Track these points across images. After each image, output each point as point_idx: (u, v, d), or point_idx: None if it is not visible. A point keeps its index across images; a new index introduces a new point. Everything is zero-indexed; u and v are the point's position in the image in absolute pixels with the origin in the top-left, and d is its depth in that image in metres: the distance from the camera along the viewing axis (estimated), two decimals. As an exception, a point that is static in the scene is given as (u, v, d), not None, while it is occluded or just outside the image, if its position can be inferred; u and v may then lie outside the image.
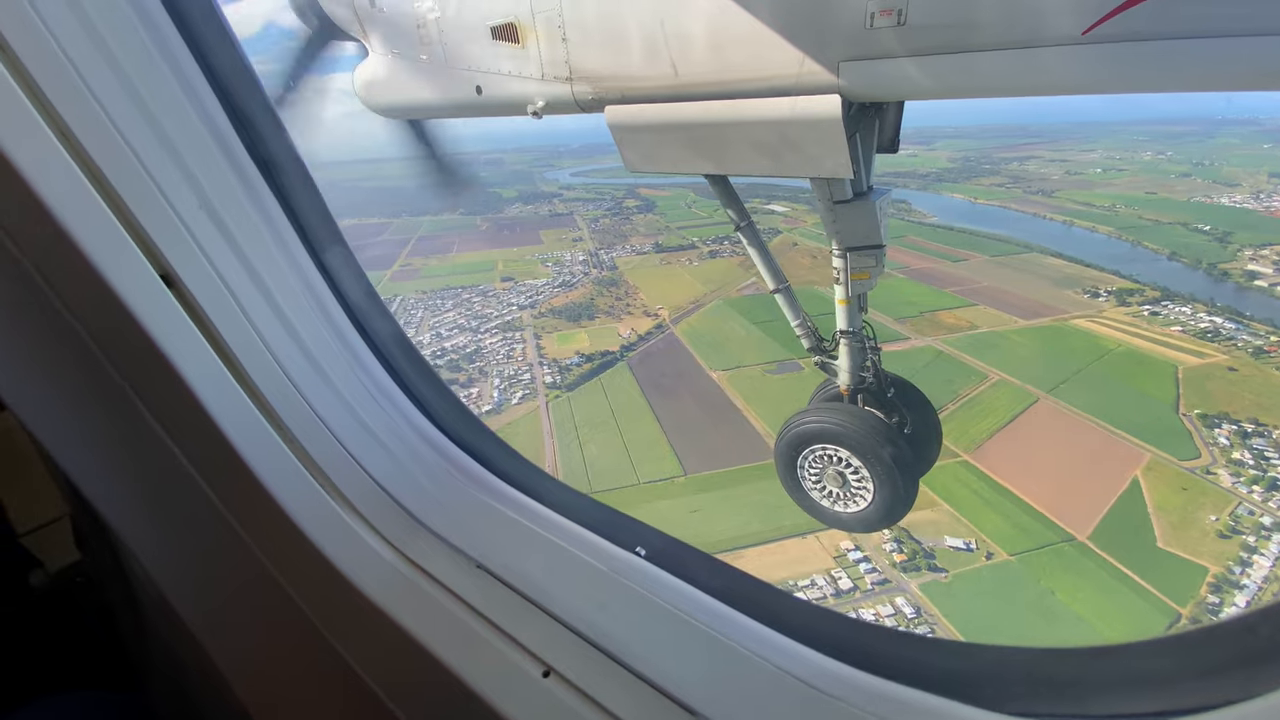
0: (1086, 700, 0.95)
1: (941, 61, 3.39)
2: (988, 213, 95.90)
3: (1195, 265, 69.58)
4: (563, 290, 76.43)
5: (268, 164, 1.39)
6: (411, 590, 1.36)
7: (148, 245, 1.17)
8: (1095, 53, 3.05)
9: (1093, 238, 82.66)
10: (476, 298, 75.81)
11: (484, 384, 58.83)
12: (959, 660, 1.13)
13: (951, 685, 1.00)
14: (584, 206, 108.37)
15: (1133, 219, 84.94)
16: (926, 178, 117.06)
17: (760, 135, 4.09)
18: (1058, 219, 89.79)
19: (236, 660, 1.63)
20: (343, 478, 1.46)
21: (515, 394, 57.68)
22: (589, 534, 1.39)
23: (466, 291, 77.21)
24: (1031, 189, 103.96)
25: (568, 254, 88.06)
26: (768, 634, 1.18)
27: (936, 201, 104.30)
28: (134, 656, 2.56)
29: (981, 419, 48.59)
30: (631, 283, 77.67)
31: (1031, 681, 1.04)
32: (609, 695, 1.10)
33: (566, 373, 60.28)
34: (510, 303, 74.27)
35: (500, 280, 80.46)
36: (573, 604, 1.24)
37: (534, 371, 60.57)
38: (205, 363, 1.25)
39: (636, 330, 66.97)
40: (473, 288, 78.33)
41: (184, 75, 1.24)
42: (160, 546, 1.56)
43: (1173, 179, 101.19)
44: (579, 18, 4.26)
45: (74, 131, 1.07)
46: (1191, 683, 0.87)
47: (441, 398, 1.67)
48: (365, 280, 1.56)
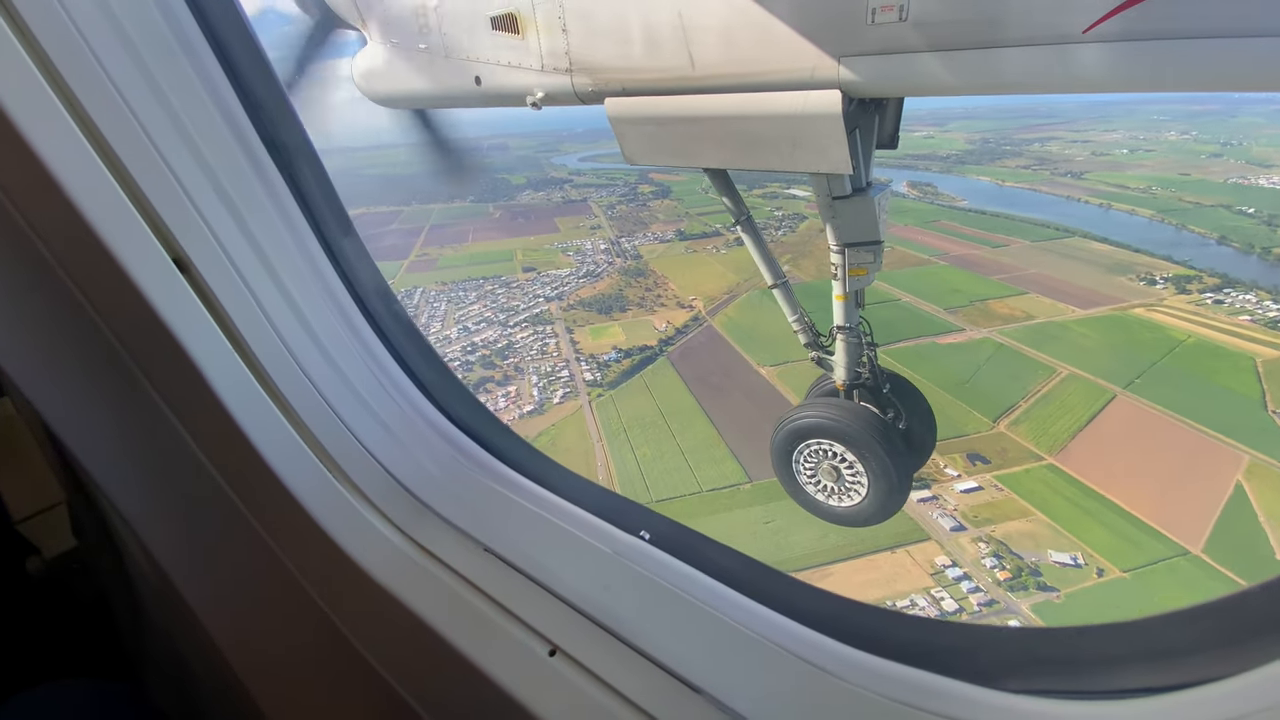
0: (1078, 676, 0.99)
1: (942, 58, 3.41)
2: (1017, 195, 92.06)
3: (1248, 250, 66.10)
4: (589, 281, 73.41)
5: (281, 152, 1.40)
6: (419, 574, 1.38)
7: (161, 230, 1.18)
8: (1096, 51, 3.07)
9: (1133, 221, 78.74)
10: (500, 289, 73.01)
11: (521, 381, 56.45)
12: (956, 639, 1.16)
13: (950, 663, 1.03)
14: (597, 193, 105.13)
15: (1171, 201, 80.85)
16: (947, 160, 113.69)
17: (760, 130, 4.10)
18: (1093, 201, 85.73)
19: (241, 646, 1.64)
20: (351, 464, 1.48)
21: (555, 392, 55.06)
22: (594, 518, 1.42)
23: (489, 283, 74.10)
24: (1059, 171, 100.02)
25: (588, 242, 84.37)
26: (769, 614, 1.21)
27: (961, 184, 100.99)
28: (130, 644, 2.56)
29: (1058, 417, 45.33)
30: (659, 272, 74.16)
31: (1026, 659, 1.07)
32: (614, 673, 1.12)
33: (606, 369, 57.61)
34: (536, 294, 71.17)
35: (522, 270, 77.08)
36: (578, 585, 1.27)
37: (572, 368, 57.95)
38: (216, 347, 1.26)
39: (673, 323, 63.53)
40: (495, 279, 75.17)
41: (200, 62, 1.25)
42: (167, 532, 1.57)
43: (1204, 159, 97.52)
44: (579, 9, 4.25)
45: (91, 116, 1.08)
46: (1178, 659, 0.90)
47: (448, 385, 1.69)
48: (374, 268, 1.57)
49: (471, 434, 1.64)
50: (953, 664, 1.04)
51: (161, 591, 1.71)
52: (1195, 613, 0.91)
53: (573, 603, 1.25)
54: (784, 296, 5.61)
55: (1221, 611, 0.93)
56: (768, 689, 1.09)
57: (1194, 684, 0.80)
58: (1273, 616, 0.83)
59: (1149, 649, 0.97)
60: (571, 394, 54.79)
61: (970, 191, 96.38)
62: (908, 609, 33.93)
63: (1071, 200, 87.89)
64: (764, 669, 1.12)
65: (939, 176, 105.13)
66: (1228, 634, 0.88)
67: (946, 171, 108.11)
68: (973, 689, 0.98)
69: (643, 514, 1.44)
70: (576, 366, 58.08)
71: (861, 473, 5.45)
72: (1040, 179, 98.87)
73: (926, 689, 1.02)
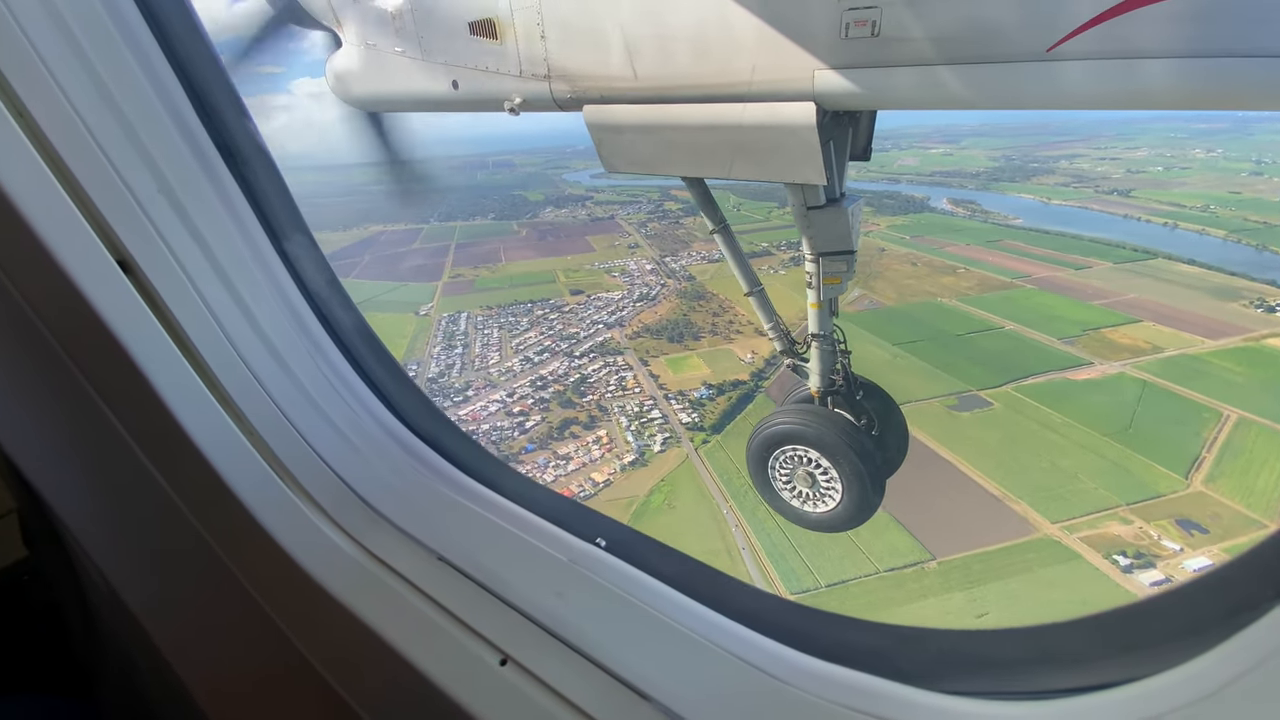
0: (1013, 678, 1.01)
1: (913, 73, 3.49)
2: (1065, 213, 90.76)
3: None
4: (646, 305, 69.86)
5: (233, 153, 1.37)
6: (371, 583, 1.36)
7: (104, 230, 1.14)
8: (1058, 69, 3.18)
9: (1205, 241, 77.08)
10: (551, 314, 69.24)
11: (609, 424, 50.63)
12: (906, 645, 1.18)
13: (898, 668, 1.05)
14: (622, 210, 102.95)
15: (1236, 220, 79.46)
16: (979, 176, 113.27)
17: (736, 139, 4.15)
18: (1155, 220, 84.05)
19: (188, 656, 1.60)
20: (304, 471, 1.45)
21: (653, 438, 48.84)
22: (550, 526, 1.41)
23: (538, 306, 70.63)
24: (1102, 188, 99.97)
25: (630, 262, 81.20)
26: (723, 622, 1.21)
27: (1005, 201, 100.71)
28: (83, 658, 2.48)
29: (1257, 472, 40.05)
30: (719, 294, 69.14)
31: (967, 662, 1.09)
32: (565, 682, 1.12)
33: (701, 408, 51.95)
34: (593, 320, 67.35)
35: (570, 293, 73.88)
36: (531, 594, 1.26)
37: (661, 407, 52.31)
38: (162, 352, 1.23)
39: (757, 353, 57.24)
40: (542, 302, 71.87)
41: (146, 59, 1.22)
42: (114, 542, 1.52)
43: (1244, 177, 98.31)
44: (558, 16, 4.27)
45: (30, 112, 1.05)
46: (1106, 660, 0.93)
47: (403, 389, 1.67)
48: (329, 269, 1.55)
49: (429, 441, 1.62)
50: (902, 667, 1.05)
51: (111, 601, 1.66)
52: (1113, 617, 0.94)
53: (525, 611, 1.24)
54: (759, 304, 5.69)
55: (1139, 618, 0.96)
56: (716, 695, 1.09)
57: (1113, 684, 0.83)
58: (1190, 619, 0.87)
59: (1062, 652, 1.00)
60: (672, 440, 48.83)
61: (1017, 209, 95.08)
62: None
63: (1130, 219, 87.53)
64: (713, 675, 1.12)
65: (978, 194, 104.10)
66: (1146, 637, 0.91)
67: (983, 188, 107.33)
68: (916, 692, 1.00)
69: (600, 521, 1.44)
70: (666, 405, 52.73)
71: (836, 478, 5.52)
72: (1085, 196, 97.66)
73: (874, 693, 1.03)
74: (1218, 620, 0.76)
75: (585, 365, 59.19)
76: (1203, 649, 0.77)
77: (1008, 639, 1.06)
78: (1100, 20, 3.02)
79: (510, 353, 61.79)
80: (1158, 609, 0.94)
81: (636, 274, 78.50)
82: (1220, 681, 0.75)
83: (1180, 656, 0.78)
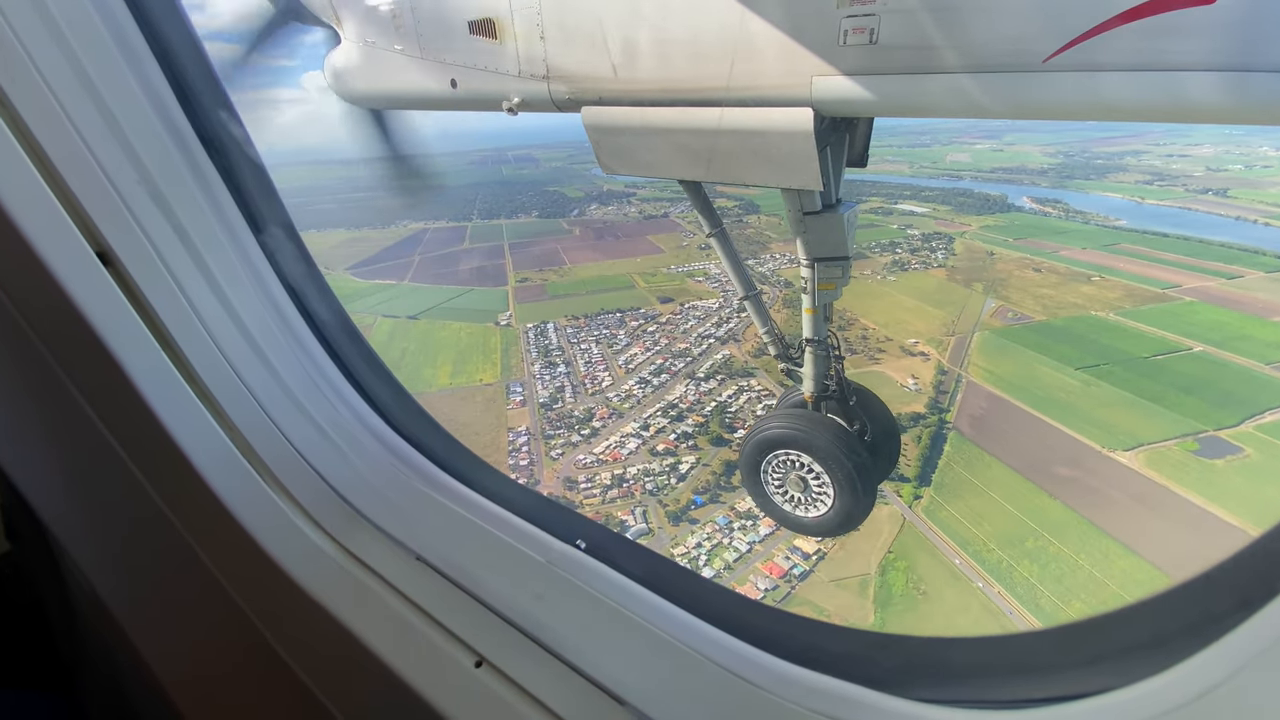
0: (986, 687, 1.00)
1: (911, 81, 3.50)
2: (1168, 214, 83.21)
3: None
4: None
5: (217, 147, 1.36)
6: (349, 583, 1.35)
7: (84, 220, 1.13)
8: (1055, 79, 3.19)
9: None
10: (649, 325, 61.10)
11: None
12: (878, 651, 1.17)
13: (869, 674, 1.04)
14: (674, 207, 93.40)
15: None
16: (1046, 174, 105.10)
17: (733, 144, 4.16)
18: (1275, 224, 76.35)
19: (168, 655, 1.58)
20: (284, 469, 1.43)
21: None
22: (530, 527, 1.40)
23: (629, 316, 62.91)
24: (1191, 188, 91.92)
25: (710, 265, 70.50)
26: (701, 626, 1.20)
27: (1091, 200, 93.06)
28: (65, 654, 2.46)
29: None
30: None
31: (938, 669, 1.09)
32: (539, 685, 1.11)
33: None
34: (699, 333, 58.74)
35: (658, 301, 66.05)
36: (509, 595, 1.25)
37: None
38: (141, 345, 1.22)
39: (918, 378, 49.92)
40: (633, 311, 64.02)
41: (128, 45, 1.21)
42: (92, 538, 1.51)
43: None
44: (558, 17, 4.28)
45: (11, 101, 1.04)
46: (1077, 670, 0.92)
47: (385, 388, 1.65)
48: (312, 265, 1.54)
49: (411, 440, 1.60)
50: (874, 674, 1.04)
51: (91, 598, 1.64)
52: (1081, 629, 0.94)
53: (502, 613, 1.23)
54: (755, 308, 5.69)
55: (1106, 629, 0.96)
56: (691, 700, 1.09)
57: (1081, 695, 0.83)
58: (1159, 631, 0.87)
59: (1034, 662, 1.00)
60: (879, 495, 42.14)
61: (1113, 210, 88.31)
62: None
63: (1243, 221, 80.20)
64: (688, 681, 1.11)
65: (1059, 193, 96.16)
66: (1113, 649, 0.91)
67: (1058, 186, 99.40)
68: (886, 698, 0.99)
69: (581, 523, 1.43)
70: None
71: (828, 483, 5.52)
72: (1179, 196, 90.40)
73: (845, 699, 1.02)
74: (1186, 633, 0.76)
75: (716, 390, 50.96)
76: (1172, 661, 0.76)
77: (980, 647, 1.06)
78: (1097, 32, 3.04)
79: (621, 372, 54.19)
80: (1127, 620, 0.93)
81: (721, 278, 66.84)
82: (1191, 694, 0.74)
83: (1151, 669, 0.78)
